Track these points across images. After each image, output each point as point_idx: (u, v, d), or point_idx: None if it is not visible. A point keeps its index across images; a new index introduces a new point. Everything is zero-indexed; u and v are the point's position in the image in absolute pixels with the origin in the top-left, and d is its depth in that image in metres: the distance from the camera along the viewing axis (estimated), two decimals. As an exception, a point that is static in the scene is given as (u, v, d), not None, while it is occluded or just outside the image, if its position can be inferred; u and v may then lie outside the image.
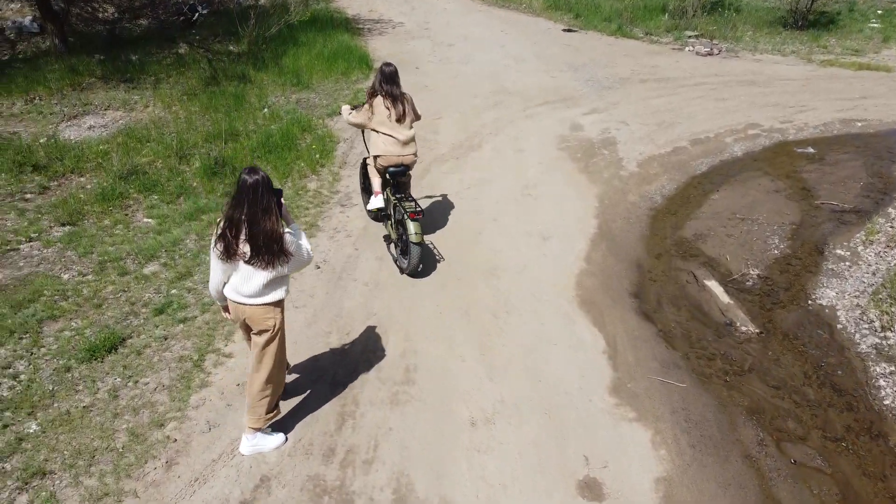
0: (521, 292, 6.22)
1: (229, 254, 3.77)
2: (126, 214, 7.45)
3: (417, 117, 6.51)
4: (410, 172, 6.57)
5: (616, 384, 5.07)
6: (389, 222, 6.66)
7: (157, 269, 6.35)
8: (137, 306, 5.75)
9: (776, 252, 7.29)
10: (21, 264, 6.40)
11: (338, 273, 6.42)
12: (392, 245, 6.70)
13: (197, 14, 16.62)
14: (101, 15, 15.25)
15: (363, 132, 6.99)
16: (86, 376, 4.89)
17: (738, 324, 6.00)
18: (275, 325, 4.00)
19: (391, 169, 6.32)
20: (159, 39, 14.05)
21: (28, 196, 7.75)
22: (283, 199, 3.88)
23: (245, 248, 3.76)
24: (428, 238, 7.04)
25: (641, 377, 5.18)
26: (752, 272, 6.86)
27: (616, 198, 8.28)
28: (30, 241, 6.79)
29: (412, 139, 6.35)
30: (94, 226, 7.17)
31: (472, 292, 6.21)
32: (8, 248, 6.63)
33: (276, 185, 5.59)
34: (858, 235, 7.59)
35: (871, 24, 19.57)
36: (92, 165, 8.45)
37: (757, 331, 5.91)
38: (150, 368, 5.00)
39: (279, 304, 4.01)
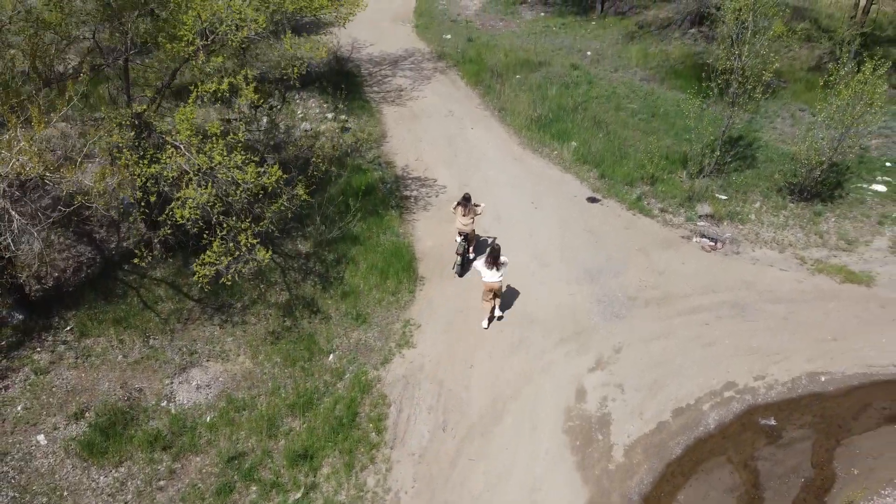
0: None
1: (490, 268, 13.61)
2: (236, 516, 10.20)
3: (477, 214, 15.61)
4: (471, 235, 15.85)
5: None
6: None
7: None
8: None
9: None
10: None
11: None
12: (455, 265, 15.92)
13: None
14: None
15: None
16: None
17: None
18: (503, 288, 14.21)
19: (460, 232, 15.63)
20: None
21: (161, 483, 10.52)
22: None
23: (494, 265, 13.57)
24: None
25: None
26: None
27: (601, 502, 10.78)
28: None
29: (470, 222, 15.51)
30: (215, 534, 9.94)
31: None
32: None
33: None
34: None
35: (875, 188, 21.22)
36: (204, 442, 11.19)
37: None
38: None
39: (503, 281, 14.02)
